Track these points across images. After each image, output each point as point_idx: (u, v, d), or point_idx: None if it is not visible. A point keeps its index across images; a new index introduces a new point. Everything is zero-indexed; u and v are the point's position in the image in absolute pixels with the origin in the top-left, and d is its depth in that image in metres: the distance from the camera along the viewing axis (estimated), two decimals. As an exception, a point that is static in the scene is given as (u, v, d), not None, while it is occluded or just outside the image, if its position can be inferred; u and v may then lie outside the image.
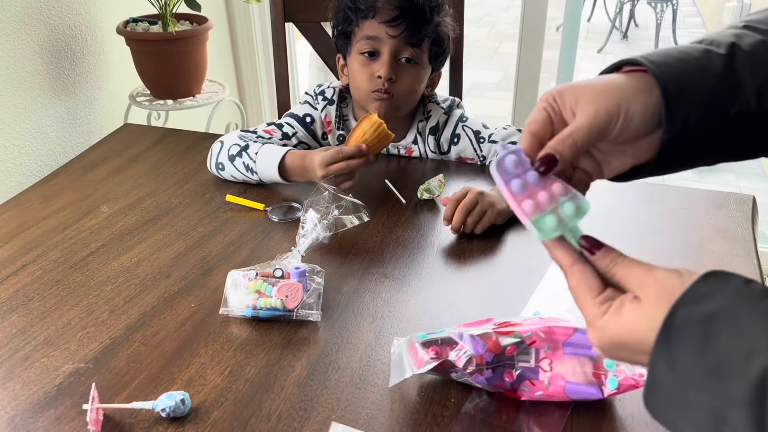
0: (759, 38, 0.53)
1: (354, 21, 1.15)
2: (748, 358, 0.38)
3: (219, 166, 1.15)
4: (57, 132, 1.67)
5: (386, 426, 0.66)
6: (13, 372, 0.74)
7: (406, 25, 1.10)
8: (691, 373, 0.41)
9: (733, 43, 0.52)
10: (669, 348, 0.42)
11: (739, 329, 0.40)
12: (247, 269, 0.85)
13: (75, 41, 1.70)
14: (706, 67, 0.51)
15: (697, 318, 0.41)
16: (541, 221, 0.50)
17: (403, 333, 0.78)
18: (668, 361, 0.42)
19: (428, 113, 1.24)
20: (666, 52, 0.53)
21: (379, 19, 1.11)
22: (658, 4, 4.95)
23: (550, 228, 0.50)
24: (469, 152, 1.23)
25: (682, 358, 0.41)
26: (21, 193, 1.16)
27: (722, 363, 0.40)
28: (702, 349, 0.40)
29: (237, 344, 0.77)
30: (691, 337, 0.41)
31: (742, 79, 0.51)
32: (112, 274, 0.91)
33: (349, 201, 0.93)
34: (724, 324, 0.40)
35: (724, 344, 0.40)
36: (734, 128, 0.52)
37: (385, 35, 1.11)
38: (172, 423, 0.66)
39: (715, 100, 0.50)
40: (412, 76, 1.15)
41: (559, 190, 0.50)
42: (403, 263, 0.93)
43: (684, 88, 0.50)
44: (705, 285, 0.43)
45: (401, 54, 1.13)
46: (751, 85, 0.51)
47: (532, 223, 0.50)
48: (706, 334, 0.41)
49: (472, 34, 5.46)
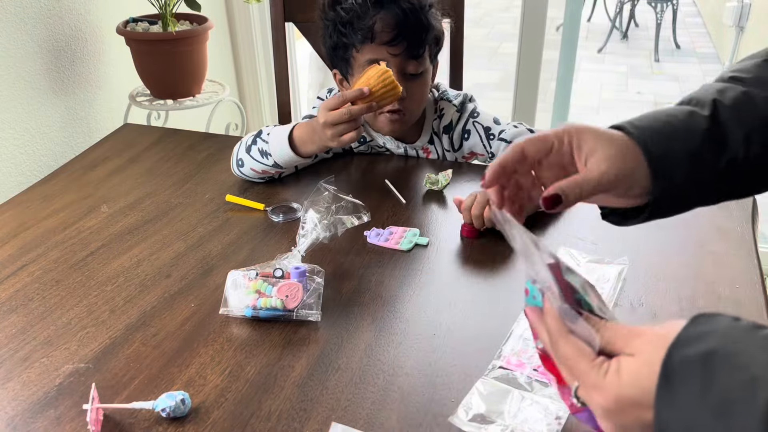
0: (741, 90, 0.58)
1: (350, 47, 1.12)
2: (752, 390, 0.38)
3: (239, 162, 1.14)
4: (57, 132, 1.67)
5: (386, 426, 0.66)
6: (12, 372, 0.74)
7: (407, 42, 1.09)
8: (697, 414, 0.40)
9: (715, 100, 0.56)
10: (670, 389, 0.42)
11: (738, 363, 0.39)
12: (247, 269, 0.85)
13: (75, 41, 1.70)
14: (692, 127, 0.55)
15: (694, 358, 0.41)
16: None
17: (403, 333, 0.78)
18: (671, 403, 0.41)
19: (441, 111, 1.24)
20: (653, 116, 0.57)
21: (378, 42, 1.09)
22: (659, 4, 4.95)
23: None
24: (479, 148, 1.22)
25: (684, 399, 0.41)
26: (21, 193, 1.16)
27: (726, 399, 0.39)
28: (703, 387, 0.40)
29: (237, 344, 0.77)
30: (691, 377, 0.41)
31: (728, 132, 0.55)
32: (112, 274, 0.91)
33: (349, 201, 0.93)
34: (721, 360, 0.40)
35: (726, 380, 0.39)
36: (727, 176, 0.56)
37: (388, 55, 1.09)
38: (172, 423, 0.66)
39: (702, 156, 0.55)
40: (421, 87, 1.15)
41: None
42: (403, 263, 0.92)
43: (671, 148, 0.54)
44: (695, 327, 0.43)
45: (407, 69, 1.11)
46: (738, 136, 0.55)
47: None
48: (706, 372, 0.40)
49: (472, 34, 5.46)
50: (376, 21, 1.08)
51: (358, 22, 1.09)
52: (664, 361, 0.42)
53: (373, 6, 1.08)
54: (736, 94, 0.57)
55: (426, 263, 0.93)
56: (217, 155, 1.27)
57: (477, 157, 1.26)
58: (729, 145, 0.55)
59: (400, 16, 1.08)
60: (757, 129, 0.56)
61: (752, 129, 0.56)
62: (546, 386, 0.70)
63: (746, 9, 4.13)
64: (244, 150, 1.13)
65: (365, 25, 1.08)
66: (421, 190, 1.11)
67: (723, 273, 0.88)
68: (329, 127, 1.01)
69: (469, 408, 0.68)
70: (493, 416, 0.66)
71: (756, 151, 0.56)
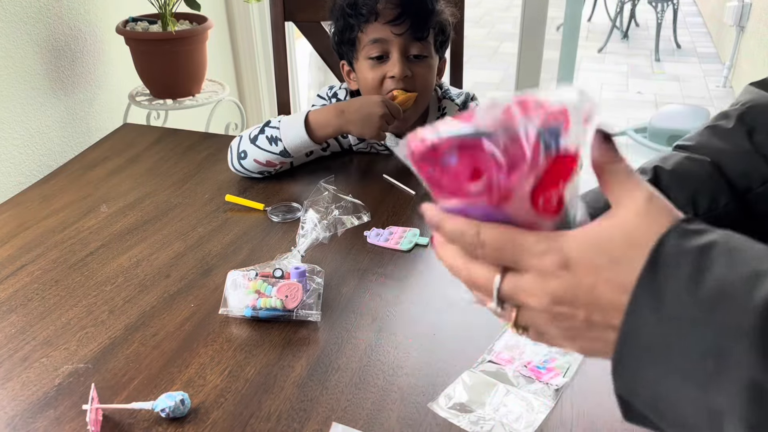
0: (682, 155, 0.61)
1: (356, 27, 1.14)
2: (752, 285, 0.32)
3: (241, 155, 1.13)
4: (56, 132, 1.67)
5: (386, 426, 0.65)
6: (12, 372, 0.73)
7: (410, 22, 1.10)
8: (681, 310, 0.34)
9: (656, 167, 0.59)
10: (655, 283, 0.35)
11: (740, 257, 0.34)
12: (246, 269, 0.84)
13: (74, 41, 1.70)
14: None
15: (690, 249, 0.35)
16: None
17: (403, 333, 0.78)
18: (653, 298, 0.35)
19: (443, 110, 1.24)
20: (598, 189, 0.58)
21: (382, 21, 1.11)
22: (659, 3, 4.95)
23: None
24: None
25: (669, 295, 0.34)
26: (20, 193, 1.15)
27: (719, 291, 0.33)
28: (695, 279, 0.34)
29: (237, 344, 0.77)
30: (682, 271, 0.34)
31: (672, 196, 0.57)
32: (112, 274, 0.91)
33: (349, 201, 0.93)
34: (721, 251, 0.34)
35: (723, 271, 0.33)
36: None
37: (392, 35, 1.11)
38: (171, 423, 0.66)
39: None
40: (426, 69, 1.15)
41: None
42: (403, 263, 0.92)
43: None
44: (691, 223, 0.37)
45: (410, 51, 1.13)
46: (682, 199, 0.58)
47: None
48: (703, 261, 0.34)
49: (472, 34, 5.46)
50: (380, 0, 1.10)
51: (362, 1, 1.11)
52: (654, 249, 0.35)
53: None
54: (678, 159, 0.60)
55: (426, 263, 0.92)
56: (217, 155, 1.27)
57: None
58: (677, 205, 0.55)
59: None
60: (700, 191, 0.58)
61: (695, 191, 0.58)
62: (532, 382, 0.70)
63: (747, 9, 4.13)
64: (248, 141, 1.13)
65: (370, 4, 1.10)
66: (421, 190, 1.11)
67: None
68: (382, 119, 1.07)
69: (450, 397, 0.68)
70: (473, 406, 0.67)
71: (705, 210, 0.58)
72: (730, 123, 0.64)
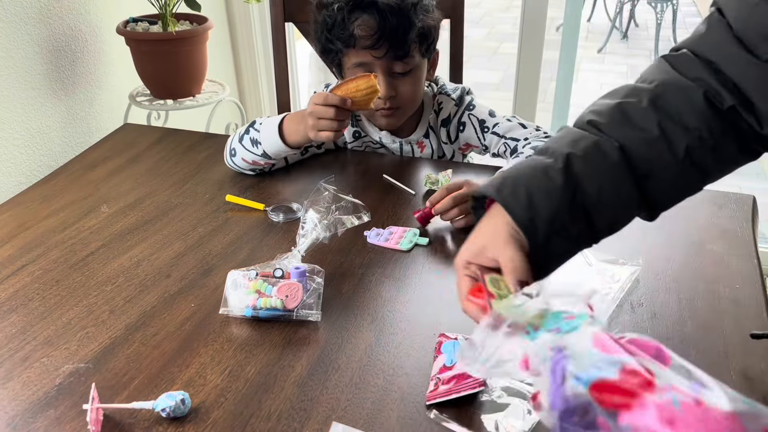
0: (593, 140, 0.63)
1: (337, 52, 1.14)
2: None
3: (232, 152, 1.16)
4: (57, 132, 1.67)
5: (386, 426, 0.66)
6: (13, 372, 0.74)
7: (389, 44, 1.09)
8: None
9: (568, 154, 0.62)
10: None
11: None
12: (247, 269, 0.85)
13: (75, 41, 1.70)
14: (549, 186, 0.62)
15: None
16: None
17: (403, 333, 0.78)
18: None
19: (439, 105, 1.24)
20: (515, 178, 0.64)
21: (360, 47, 1.10)
22: (659, 4, 4.95)
23: None
24: (474, 140, 1.24)
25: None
26: (21, 193, 1.16)
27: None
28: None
29: (237, 344, 0.77)
30: None
31: (582, 184, 0.62)
32: (112, 274, 0.91)
33: (349, 201, 0.93)
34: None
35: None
36: (599, 218, 0.63)
37: (372, 59, 1.11)
38: (172, 423, 0.66)
39: (565, 207, 0.61)
40: (411, 84, 1.15)
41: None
42: (403, 263, 0.92)
43: (532, 206, 0.61)
44: None
45: (394, 69, 1.12)
46: (591, 186, 0.62)
47: None
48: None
49: (472, 34, 5.46)
50: (355, 27, 1.08)
51: (338, 29, 1.10)
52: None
53: (352, 11, 1.09)
54: (588, 144, 0.63)
55: (426, 263, 0.93)
56: (217, 155, 1.27)
57: (472, 149, 1.27)
58: (586, 194, 0.62)
59: (379, 19, 1.08)
60: (608, 179, 0.62)
61: (604, 180, 0.62)
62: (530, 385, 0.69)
63: (746, 9, 4.13)
64: (237, 140, 1.15)
65: (346, 32, 1.09)
66: (421, 190, 1.11)
67: (723, 273, 0.88)
68: (313, 118, 1.03)
69: None
70: None
71: (610, 196, 0.62)
72: (641, 104, 0.64)
